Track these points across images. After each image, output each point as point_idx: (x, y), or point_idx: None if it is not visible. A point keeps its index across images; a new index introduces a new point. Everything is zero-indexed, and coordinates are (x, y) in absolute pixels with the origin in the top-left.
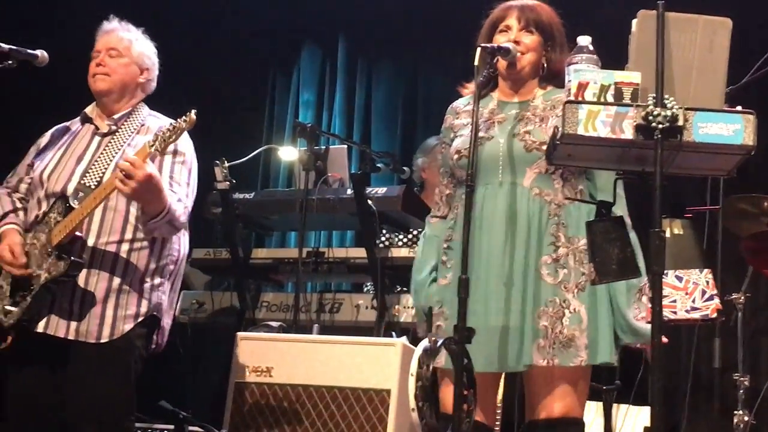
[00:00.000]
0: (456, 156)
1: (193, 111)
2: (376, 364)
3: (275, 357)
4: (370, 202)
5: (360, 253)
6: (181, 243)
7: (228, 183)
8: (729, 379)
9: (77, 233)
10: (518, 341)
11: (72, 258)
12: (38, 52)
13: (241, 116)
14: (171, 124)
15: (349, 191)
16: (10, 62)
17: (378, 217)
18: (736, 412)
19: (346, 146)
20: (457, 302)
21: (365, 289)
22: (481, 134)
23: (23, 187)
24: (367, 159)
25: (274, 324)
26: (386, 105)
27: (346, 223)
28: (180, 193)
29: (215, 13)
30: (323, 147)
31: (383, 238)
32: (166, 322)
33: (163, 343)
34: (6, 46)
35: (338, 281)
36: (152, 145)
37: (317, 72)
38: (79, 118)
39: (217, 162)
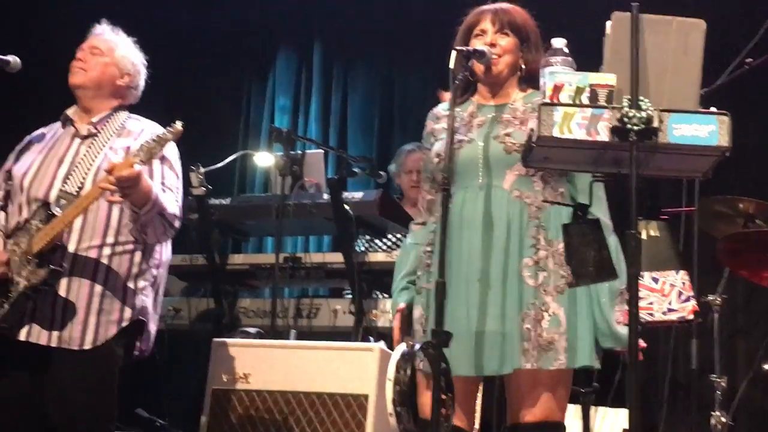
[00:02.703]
0: (436, 160)
1: (179, 122)
2: (354, 369)
3: (252, 363)
4: (346, 206)
5: (337, 258)
6: (163, 247)
7: (204, 189)
8: (706, 381)
9: (57, 241)
10: (501, 345)
11: (51, 266)
12: (10, 57)
13: (216, 121)
14: (156, 134)
15: (325, 196)
16: None
17: (355, 222)
18: (713, 413)
19: (322, 151)
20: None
21: (345, 295)
22: (460, 137)
23: (0, 193)
24: (343, 163)
25: (252, 330)
26: (362, 109)
27: (323, 228)
28: (172, 197)
29: (192, 18)
30: (299, 152)
31: (364, 243)
32: (152, 327)
33: (149, 349)
34: None
35: (315, 286)
36: (136, 156)
37: (293, 77)
38: (59, 121)
39: (193, 167)
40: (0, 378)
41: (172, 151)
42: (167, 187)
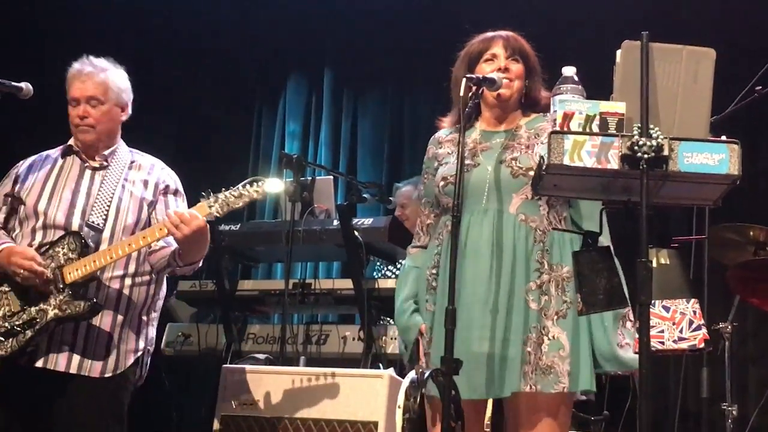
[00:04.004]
0: (442, 183)
1: (261, 182)
2: (364, 396)
3: (262, 389)
4: (356, 233)
5: (347, 284)
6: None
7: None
8: (717, 409)
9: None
10: (503, 367)
11: (94, 300)
12: (23, 84)
13: (227, 147)
14: (238, 190)
15: (335, 222)
16: None
17: (365, 248)
18: None
19: (332, 177)
20: (443, 331)
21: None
22: (467, 161)
23: (0, 216)
24: (353, 190)
25: (261, 356)
26: (372, 135)
27: (332, 254)
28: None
29: (202, 44)
30: (309, 178)
31: (378, 269)
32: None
33: (143, 378)
34: None
35: (325, 312)
36: (212, 206)
37: (303, 103)
38: (59, 150)
39: (203, 194)
40: (9, 406)
41: (180, 186)
42: None
